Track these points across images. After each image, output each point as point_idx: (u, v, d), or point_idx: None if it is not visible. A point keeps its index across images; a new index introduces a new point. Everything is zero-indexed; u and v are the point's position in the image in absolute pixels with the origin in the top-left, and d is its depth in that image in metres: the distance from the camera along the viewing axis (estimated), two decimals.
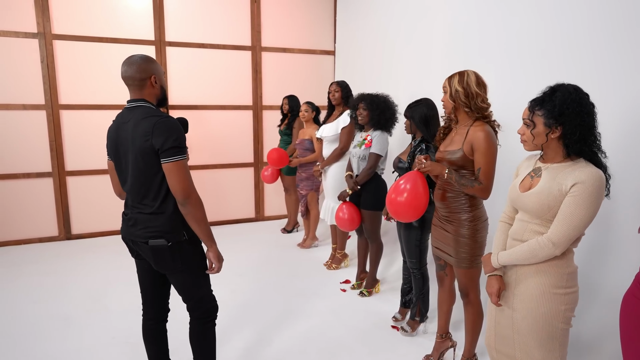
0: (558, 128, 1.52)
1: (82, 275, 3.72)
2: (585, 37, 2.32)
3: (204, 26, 4.93)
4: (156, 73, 1.79)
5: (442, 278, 2.36)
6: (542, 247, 1.53)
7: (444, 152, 2.13)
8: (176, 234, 1.77)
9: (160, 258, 1.79)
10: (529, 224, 1.62)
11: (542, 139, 1.56)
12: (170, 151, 1.67)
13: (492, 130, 2.03)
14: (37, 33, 4.29)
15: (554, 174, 1.55)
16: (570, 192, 1.48)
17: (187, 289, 1.90)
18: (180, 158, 1.69)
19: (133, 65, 1.75)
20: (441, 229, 2.20)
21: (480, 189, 1.98)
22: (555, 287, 1.56)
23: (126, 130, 1.74)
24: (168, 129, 1.68)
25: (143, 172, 1.73)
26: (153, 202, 1.76)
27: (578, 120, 1.48)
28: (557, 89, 1.53)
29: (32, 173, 4.47)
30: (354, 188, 3.12)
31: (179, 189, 1.69)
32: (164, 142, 1.65)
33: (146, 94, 1.79)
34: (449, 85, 2.06)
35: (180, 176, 1.69)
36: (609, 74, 2.20)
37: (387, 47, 4.34)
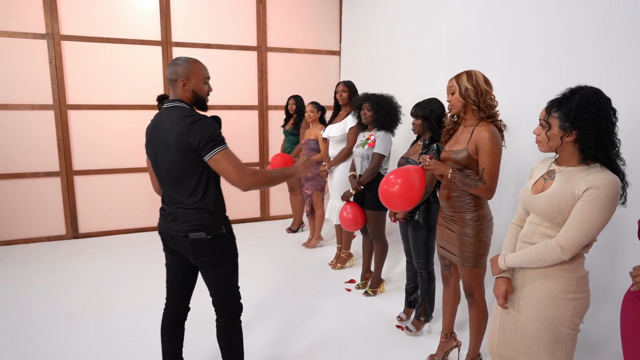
0: (573, 132, 1.48)
1: (89, 274, 3.75)
2: (589, 37, 2.31)
3: (210, 27, 4.96)
4: (186, 77, 1.82)
5: (447, 277, 2.35)
6: (550, 251, 1.51)
7: (448, 152, 2.13)
8: (215, 228, 1.83)
9: (199, 251, 1.84)
10: (539, 227, 1.60)
11: (556, 142, 1.53)
12: (209, 145, 1.72)
13: (498, 130, 2.03)
14: (46, 34, 4.33)
15: (567, 177, 1.52)
16: (582, 197, 1.45)
17: (220, 283, 1.94)
18: (221, 148, 1.74)
19: (171, 66, 1.84)
20: (446, 228, 2.20)
21: (484, 188, 1.97)
22: (562, 292, 1.54)
23: (163, 130, 1.80)
24: (202, 126, 1.73)
25: (182, 170, 1.79)
26: (193, 198, 1.81)
27: (595, 125, 1.43)
28: (577, 91, 1.48)
29: (40, 172, 4.52)
30: (357, 188, 3.13)
31: (233, 177, 1.74)
32: (200, 139, 1.71)
33: (179, 94, 1.84)
34: (458, 84, 2.05)
35: (228, 163, 1.73)
36: (611, 74, 2.19)
37: (392, 47, 4.34)
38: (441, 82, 3.49)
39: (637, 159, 2.06)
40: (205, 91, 1.90)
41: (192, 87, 1.84)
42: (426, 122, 2.61)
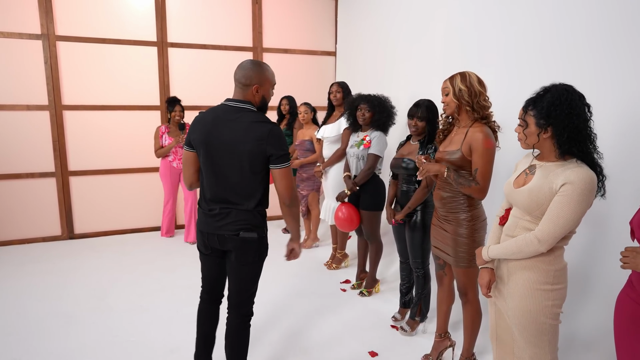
0: (548, 129, 1.55)
1: (85, 275, 3.74)
2: (584, 37, 2.34)
3: (205, 27, 4.96)
4: (260, 83, 1.88)
5: (441, 277, 2.37)
6: (528, 243, 1.57)
7: (443, 153, 2.16)
8: (263, 229, 1.96)
9: (247, 249, 1.93)
10: (520, 220, 1.66)
11: (534, 139, 1.60)
12: (282, 158, 1.85)
13: (491, 131, 2.05)
14: (41, 34, 4.32)
15: (546, 172, 1.58)
16: (559, 192, 1.51)
17: (248, 282, 2.01)
18: (288, 165, 1.88)
19: (244, 69, 1.89)
20: (440, 228, 2.22)
21: (477, 189, 2.00)
22: (540, 284, 1.60)
23: (233, 128, 1.82)
24: (280, 137, 1.86)
25: (246, 172, 1.84)
26: (251, 200, 1.89)
27: (567, 121, 1.49)
28: (549, 89, 1.55)
29: (36, 173, 4.51)
30: (353, 188, 3.14)
31: (287, 192, 1.89)
32: (277, 149, 1.82)
33: (248, 97, 1.90)
34: (452, 85, 2.08)
35: (289, 181, 1.88)
36: (607, 74, 2.21)
37: (388, 48, 4.36)
38: (436, 83, 3.49)
39: (630, 159, 2.09)
40: (270, 97, 2.01)
41: (263, 94, 1.93)
42: (429, 124, 2.61)
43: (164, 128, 4.43)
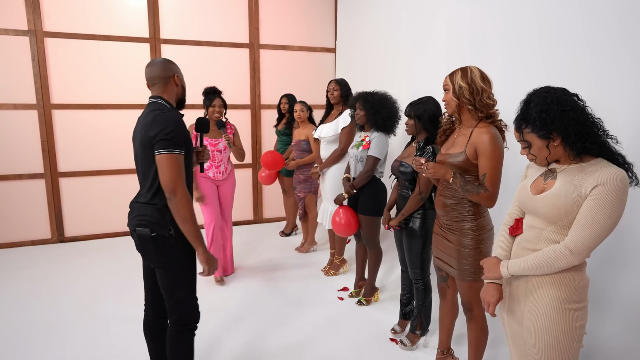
0: (552, 135, 1.40)
1: (72, 281, 3.59)
2: (593, 32, 2.15)
3: (200, 23, 4.79)
4: (178, 73, 1.91)
5: (444, 290, 2.19)
6: (559, 256, 1.38)
7: (445, 155, 1.97)
8: (162, 226, 1.76)
9: (145, 248, 1.81)
10: (543, 231, 1.46)
11: (545, 153, 1.44)
12: (162, 143, 1.69)
13: (498, 132, 1.86)
14: (28, 30, 4.16)
15: (571, 175, 1.40)
16: (590, 195, 1.33)
17: (167, 286, 1.84)
18: (170, 151, 1.70)
19: (157, 65, 1.86)
20: (443, 238, 2.04)
21: (486, 196, 1.81)
22: (568, 302, 1.41)
23: (138, 124, 1.85)
24: (164, 120, 1.72)
25: (143, 163, 1.80)
26: (147, 192, 1.80)
27: (565, 120, 1.36)
28: (530, 99, 1.44)
29: (24, 174, 4.36)
30: (350, 192, 2.96)
31: (164, 182, 1.71)
32: (157, 133, 1.69)
33: (168, 91, 1.87)
34: (452, 82, 1.90)
35: (167, 170, 1.70)
36: (619, 69, 2.02)
37: (389, 45, 4.18)
38: (439, 80, 3.32)
39: None
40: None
41: (181, 83, 1.93)
42: (419, 122, 2.44)
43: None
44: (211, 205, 3.46)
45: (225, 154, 3.47)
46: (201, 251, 1.79)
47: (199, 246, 1.78)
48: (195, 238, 1.77)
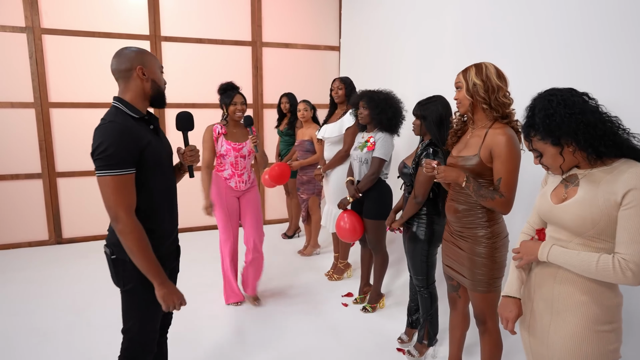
0: (563, 141, 1.29)
1: (68, 284, 3.49)
2: (612, 26, 2.01)
3: (201, 20, 4.68)
4: (145, 64, 1.58)
5: (454, 300, 2.07)
6: (618, 274, 1.20)
7: (456, 158, 1.85)
8: (121, 249, 1.53)
9: (109, 267, 1.63)
10: (569, 244, 1.33)
11: (559, 160, 1.32)
12: (97, 162, 1.45)
13: (515, 133, 1.74)
14: (25, 27, 4.07)
15: (595, 180, 1.28)
16: (625, 204, 1.20)
17: (123, 313, 1.65)
18: (106, 173, 1.44)
19: (117, 56, 1.58)
20: (454, 245, 1.92)
21: (502, 202, 1.69)
22: (601, 323, 1.28)
23: None
24: (100, 135, 1.46)
25: None
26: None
27: (573, 124, 1.25)
28: (534, 105, 1.35)
29: (21, 174, 4.27)
30: (355, 195, 2.84)
31: (106, 207, 1.48)
32: (93, 151, 1.47)
33: (131, 88, 1.57)
34: (465, 79, 1.77)
35: (105, 194, 1.46)
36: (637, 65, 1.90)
37: (395, 42, 4.05)
38: (447, 78, 3.19)
39: None
40: (163, 82, 1.67)
41: (152, 77, 1.60)
42: (424, 122, 2.32)
43: (219, 128, 2.94)
44: (230, 221, 2.98)
45: (249, 160, 3.01)
46: (157, 285, 1.54)
47: (154, 279, 1.53)
48: (149, 271, 1.52)
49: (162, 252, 1.65)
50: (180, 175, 1.88)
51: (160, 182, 1.62)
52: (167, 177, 1.68)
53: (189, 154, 1.79)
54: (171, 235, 1.74)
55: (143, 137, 1.52)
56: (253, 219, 3.05)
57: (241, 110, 2.92)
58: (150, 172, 1.56)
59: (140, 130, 1.53)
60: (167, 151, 1.71)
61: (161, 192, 1.64)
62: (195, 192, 3.27)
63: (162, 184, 1.64)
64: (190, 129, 1.87)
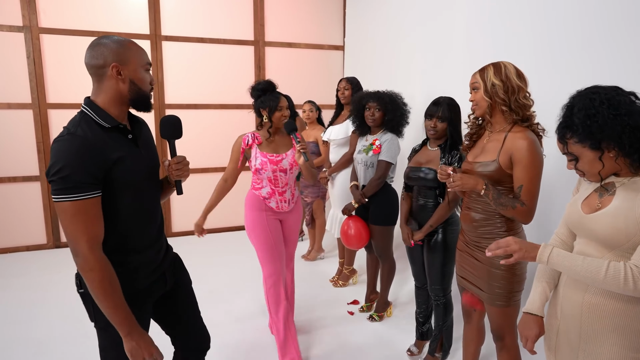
0: (603, 146, 1.16)
1: (65, 290, 3.38)
2: (637, 21, 1.91)
3: (203, 19, 4.58)
4: (122, 61, 1.29)
5: (469, 313, 1.96)
6: (629, 282, 1.09)
7: (473, 164, 1.74)
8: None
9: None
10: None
11: (597, 166, 1.20)
12: (52, 185, 1.22)
13: (536, 137, 1.63)
14: (23, 26, 3.98)
15: (634, 190, 1.17)
16: None
17: (99, 349, 1.42)
18: (60, 199, 1.20)
19: (92, 48, 1.31)
20: (469, 256, 1.81)
21: (523, 211, 1.58)
22: (636, 350, 1.17)
23: None
24: (55, 153, 1.22)
25: None
26: None
27: (618, 127, 1.13)
28: (573, 103, 1.22)
29: (19, 177, 4.18)
30: (361, 200, 2.73)
31: (68, 239, 1.25)
32: (47, 171, 1.23)
33: (104, 89, 1.31)
34: (483, 80, 1.67)
35: (62, 223, 1.23)
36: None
37: (401, 41, 3.94)
38: (457, 78, 3.09)
39: None
40: (147, 81, 1.39)
41: (130, 76, 1.32)
42: (450, 126, 2.21)
43: (249, 138, 2.40)
44: (276, 249, 2.40)
45: (292, 174, 2.45)
46: (123, 337, 1.28)
47: (120, 329, 1.28)
48: (113, 318, 1.26)
49: (141, 285, 1.42)
50: (168, 191, 1.60)
51: (135, 205, 1.37)
52: (145, 197, 1.42)
53: (175, 166, 1.49)
54: (152, 264, 1.47)
55: (111, 152, 1.27)
56: (292, 250, 2.62)
57: (287, 116, 2.42)
58: (120, 194, 1.31)
59: (107, 144, 1.27)
60: (149, 165, 1.44)
61: (137, 216, 1.39)
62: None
63: (139, 206, 1.39)
64: (177, 136, 1.55)
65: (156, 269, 1.49)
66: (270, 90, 2.43)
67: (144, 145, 1.45)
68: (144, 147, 1.44)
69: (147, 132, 1.52)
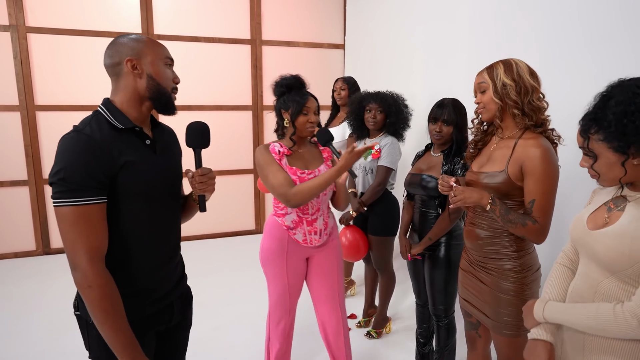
0: (631, 151, 1.00)
1: (50, 301, 3.24)
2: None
3: (197, 17, 4.41)
4: (138, 54, 1.20)
5: (473, 339, 1.76)
6: (621, 323, 1.00)
7: (478, 174, 1.55)
8: (85, 307, 1.15)
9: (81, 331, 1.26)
10: (602, 283, 1.08)
11: (617, 172, 1.03)
12: (52, 188, 1.10)
13: (551, 144, 1.43)
14: (9, 25, 3.84)
15: None
16: None
17: None
18: (60, 203, 1.07)
19: (110, 47, 1.23)
20: (473, 277, 1.62)
21: (535, 229, 1.38)
22: None
23: None
24: (60, 151, 1.10)
25: None
26: None
27: None
28: (611, 94, 1.05)
29: (6, 181, 4.04)
30: (360, 209, 2.54)
31: (64, 249, 1.11)
32: (50, 172, 1.11)
33: (122, 87, 1.21)
34: (492, 79, 1.47)
35: (62, 231, 1.09)
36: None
37: (403, 40, 3.75)
38: (461, 78, 2.90)
39: None
40: (169, 77, 1.25)
41: (148, 71, 1.20)
42: (456, 130, 2.03)
43: (278, 148, 1.92)
44: (289, 294, 1.96)
45: (325, 196, 1.93)
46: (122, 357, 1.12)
47: (121, 356, 1.12)
48: (114, 343, 1.11)
49: (145, 313, 1.24)
50: (192, 208, 1.43)
51: (145, 218, 1.22)
52: (159, 211, 1.26)
53: (199, 179, 1.32)
54: (162, 289, 1.29)
55: (119, 155, 1.14)
56: (329, 292, 1.98)
57: (315, 122, 1.94)
58: (127, 203, 1.17)
59: (118, 147, 1.15)
60: (166, 176, 1.28)
61: (145, 232, 1.23)
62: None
63: (149, 221, 1.23)
64: (205, 145, 1.38)
65: (164, 297, 1.31)
66: (297, 87, 2.00)
67: (164, 153, 1.31)
68: (163, 155, 1.29)
69: (171, 140, 1.38)
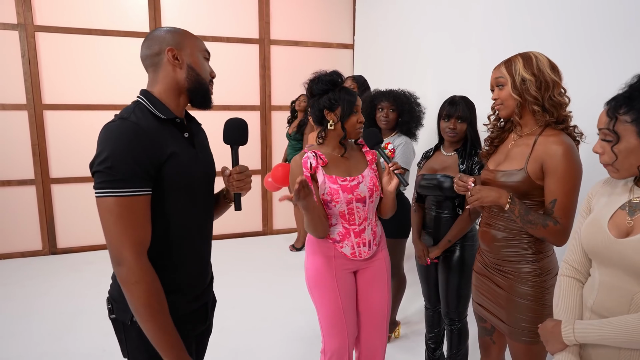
0: None
1: (53, 302, 3.21)
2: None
3: (205, 16, 4.39)
4: (178, 45, 1.16)
5: (487, 346, 1.69)
6: None
7: (495, 172, 1.48)
8: (123, 309, 1.11)
9: (116, 335, 1.21)
10: (637, 295, 0.98)
11: (633, 159, 0.98)
12: (95, 177, 1.04)
13: (573, 142, 1.36)
14: (17, 24, 3.83)
15: None
16: None
17: None
18: (104, 193, 1.02)
19: (148, 39, 1.20)
20: (488, 280, 1.54)
21: (556, 230, 1.31)
22: None
23: None
24: (103, 139, 1.05)
25: None
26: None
27: None
28: None
29: (13, 180, 4.03)
30: None
31: (106, 243, 1.05)
32: (92, 160, 1.05)
33: (161, 78, 1.17)
34: (510, 74, 1.40)
35: (106, 223, 1.03)
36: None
37: (414, 38, 3.69)
38: (472, 76, 2.83)
39: None
40: (207, 70, 1.23)
41: (188, 61, 1.17)
42: (470, 127, 1.97)
43: (312, 158, 1.67)
44: (344, 313, 1.69)
45: (373, 203, 1.72)
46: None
47: (167, 355, 1.07)
48: (159, 342, 1.05)
49: (183, 312, 1.19)
50: (223, 207, 1.41)
51: (187, 213, 1.18)
52: (199, 206, 1.23)
53: (236, 177, 1.27)
54: (199, 288, 1.26)
55: (166, 145, 1.10)
56: (375, 311, 1.77)
57: (361, 125, 1.71)
58: (172, 196, 1.12)
59: (163, 136, 1.11)
60: (204, 170, 1.24)
61: (188, 227, 1.19)
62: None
63: (191, 215, 1.20)
64: (243, 142, 1.33)
65: (200, 295, 1.27)
66: (339, 84, 1.71)
67: (200, 147, 1.27)
68: (200, 149, 1.26)
69: (203, 135, 1.35)
